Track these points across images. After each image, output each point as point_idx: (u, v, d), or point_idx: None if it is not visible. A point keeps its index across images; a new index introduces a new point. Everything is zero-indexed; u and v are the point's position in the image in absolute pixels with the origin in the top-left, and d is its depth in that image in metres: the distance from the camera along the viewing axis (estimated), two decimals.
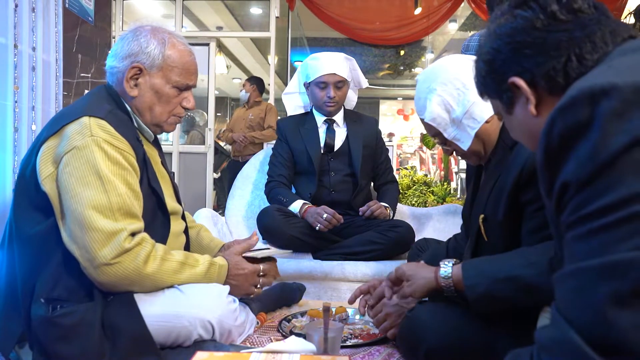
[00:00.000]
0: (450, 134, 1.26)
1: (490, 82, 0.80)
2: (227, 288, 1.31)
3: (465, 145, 1.25)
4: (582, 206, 0.56)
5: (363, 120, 2.41)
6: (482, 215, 1.27)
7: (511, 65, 0.75)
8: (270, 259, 1.48)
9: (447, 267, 1.17)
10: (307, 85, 2.31)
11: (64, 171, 1.17)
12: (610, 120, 0.54)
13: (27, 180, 1.22)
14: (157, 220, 1.33)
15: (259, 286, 1.42)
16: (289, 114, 2.45)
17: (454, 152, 1.32)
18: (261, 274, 1.41)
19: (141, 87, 1.32)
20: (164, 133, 1.49)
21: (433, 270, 1.19)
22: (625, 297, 0.50)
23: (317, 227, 2.05)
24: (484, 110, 1.20)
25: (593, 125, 0.55)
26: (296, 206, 2.16)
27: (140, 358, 1.16)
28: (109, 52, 1.36)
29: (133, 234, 1.19)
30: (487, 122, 1.22)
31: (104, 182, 1.16)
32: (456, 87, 1.22)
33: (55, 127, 1.22)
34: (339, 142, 2.32)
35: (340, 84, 2.24)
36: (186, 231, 1.51)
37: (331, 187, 2.29)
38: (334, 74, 2.20)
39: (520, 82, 0.73)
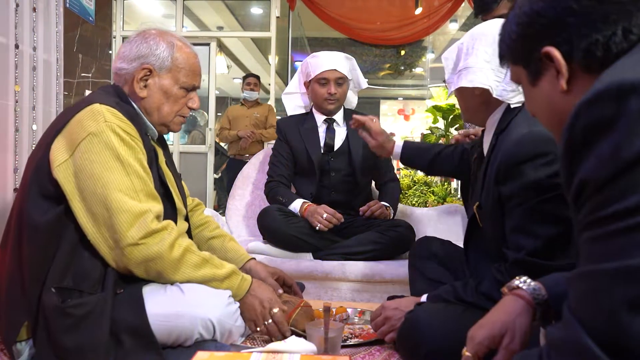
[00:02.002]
0: (447, 76, 1.37)
1: (520, 48, 0.74)
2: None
3: (449, 90, 1.38)
4: (600, 207, 0.54)
5: None
6: (477, 203, 1.30)
7: (549, 33, 0.68)
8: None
9: (532, 285, 0.91)
10: (308, 84, 2.30)
11: (83, 157, 1.19)
12: (637, 120, 0.51)
13: (39, 170, 1.24)
14: (166, 212, 1.33)
15: (266, 323, 1.33)
16: (289, 114, 2.44)
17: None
18: (274, 310, 1.33)
19: (150, 87, 1.36)
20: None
21: (517, 300, 0.90)
22: None
23: (317, 227, 2.05)
24: (469, 79, 1.26)
25: (618, 123, 0.52)
26: (296, 205, 2.15)
27: (143, 355, 1.16)
28: (116, 54, 1.38)
29: (157, 217, 1.21)
30: (475, 93, 1.28)
31: (125, 166, 1.20)
32: (472, 46, 1.28)
33: (66, 117, 1.25)
34: (338, 141, 2.31)
35: (341, 80, 2.22)
36: (188, 232, 1.51)
37: (331, 188, 2.28)
38: (335, 70, 2.19)
39: (556, 54, 0.67)
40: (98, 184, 1.18)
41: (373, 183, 2.47)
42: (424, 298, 1.34)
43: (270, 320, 1.33)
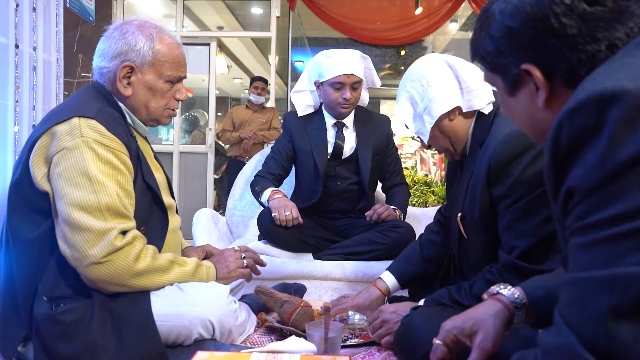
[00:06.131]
0: (413, 128, 1.34)
1: (496, 61, 0.71)
2: (228, 288, 1.31)
3: (425, 138, 1.33)
4: (587, 214, 0.54)
5: (374, 122, 2.27)
6: (459, 214, 1.31)
7: (529, 51, 0.66)
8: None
9: (512, 290, 0.91)
10: (319, 84, 2.17)
11: (54, 172, 1.17)
12: (619, 128, 0.51)
13: (22, 184, 1.21)
14: (154, 216, 1.32)
15: (245, 265, 1.44)
16: (299, 115, 2.30)
17: (430, 147, 1.39)
18: (243, 255, 1.45)
19: (134, 85, 1.31)
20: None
21: (494, 302, 0.91)
22: (627, 311, 0.50)
23: (273, 215, 2.00)
24: (439, 106, 1.27)
25: (602, 132, 0.53)
26: (266, 194, 2.09)
27: (146, 353, 1.16)
28: (96, 51, 1.32)
29: (124, 233, 1.18)
30: (450, 119, 1.29)
31: (93, 183, 1.15)
32: (422, 84, 1.30)
33: (44, 127, 1.21)
34: (347, 149, 2.23)
35: (357, 84, 2.10)
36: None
37: (336, 196, 2.23)
38: (352, 74, 2.06)
39: (537, 73, 0.65)
40: (62, 201, 1.14)
41: (380, 186, 2.42)
42: (421, 302, 1.34)
43: (244, 255, 1.44)
